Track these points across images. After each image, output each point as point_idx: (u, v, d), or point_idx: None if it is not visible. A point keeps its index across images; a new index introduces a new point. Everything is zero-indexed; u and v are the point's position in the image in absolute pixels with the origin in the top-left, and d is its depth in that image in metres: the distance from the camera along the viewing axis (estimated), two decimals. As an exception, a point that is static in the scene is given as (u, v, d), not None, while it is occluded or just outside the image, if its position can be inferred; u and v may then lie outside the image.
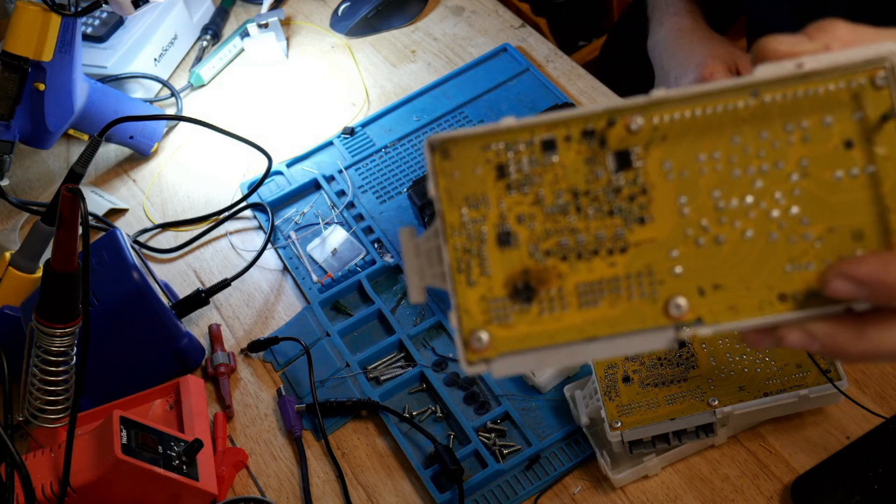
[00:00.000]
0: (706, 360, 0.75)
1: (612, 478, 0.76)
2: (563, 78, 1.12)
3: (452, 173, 0.39)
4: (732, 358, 0.75)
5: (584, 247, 0.39)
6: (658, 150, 0.39)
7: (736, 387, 0.74)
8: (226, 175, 1.13)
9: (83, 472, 0.75)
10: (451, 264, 0.39)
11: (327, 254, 1.00)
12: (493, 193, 0.39)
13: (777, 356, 0.74)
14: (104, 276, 0.87)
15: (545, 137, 0.39)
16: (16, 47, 1.00)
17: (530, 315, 0.39)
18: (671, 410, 0.73)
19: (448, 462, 0.80)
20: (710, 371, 0.75)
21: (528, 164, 0.39)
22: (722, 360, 0.75)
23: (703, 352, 0.76)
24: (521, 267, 0.39)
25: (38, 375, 0.74)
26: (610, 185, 0.39)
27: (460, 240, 0.39)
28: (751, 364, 0.74)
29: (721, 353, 0.76)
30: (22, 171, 1.21)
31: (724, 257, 0.38)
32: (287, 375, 0.92)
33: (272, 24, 1.23)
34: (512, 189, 0.39)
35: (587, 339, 0.39)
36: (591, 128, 0.39)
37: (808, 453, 0.76)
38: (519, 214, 0.39)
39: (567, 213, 0.39)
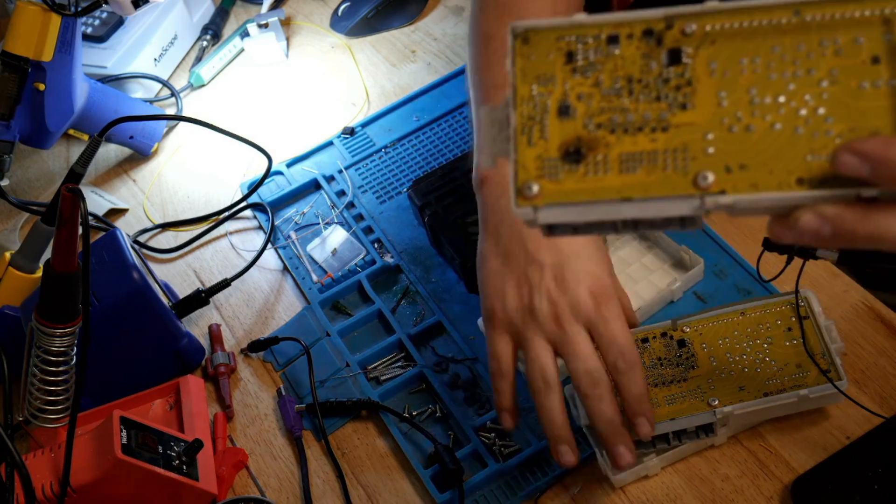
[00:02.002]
0: (706, 360, 0.75)
1: (611, 478, 0.76)
2: (563, 78, 1.12)
3: (528, 56, 0.46)
4: (732, 358, 0.75)
5: (631, 123, 0.45)
6: (706, 52, 0.45)
7: (736, 387, 0.73)
8: (226, 175, 1.13)
9: (83, 472, 0.75)
10: (517, 127, 0.46)
11: (327, 254, 1.00)
12: (560, 75, 0.46)
13: (777, 356, 0.74)
14: (104, 276, 0.87)
15: (611, 33, 0.46)
16: (16, 47, 1.00)
17: (577, 174, 0.45)
18: (671, 410, 0.73)
19: (448, 462, 0.80)
20: (710, 371, 0.74)
21: (593, 54, 0.46)
22: (722, 360, 0.75)
23: (703, 352, 0.76)
24: (574, 135, 0.45)
25: (38, 375, 0.74)
26: (660, 76, 0.45)
27: (527, 109, 0.46)
28: (751, 364, 0.74)
29: (721, 353, 0.75)
30: (22, 171, 1.21)
31: (753, 143, 0.43)
32: (287, 375, 0.92)
33: (272, 24, 1.23)
34: (576, 72, 0.46)
35: (623, 199, 0.44)
36: (650, 28, 0.46)
37: (808, 453, 0.76)
38: (579, 93, 0.46)
39: (620, 96, 0.45)
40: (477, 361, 0.88)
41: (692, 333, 0.74)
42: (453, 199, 0.93)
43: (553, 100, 0.46)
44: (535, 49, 0.47)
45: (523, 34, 0.46)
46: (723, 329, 0.74)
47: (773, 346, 0.71)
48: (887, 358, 0.80)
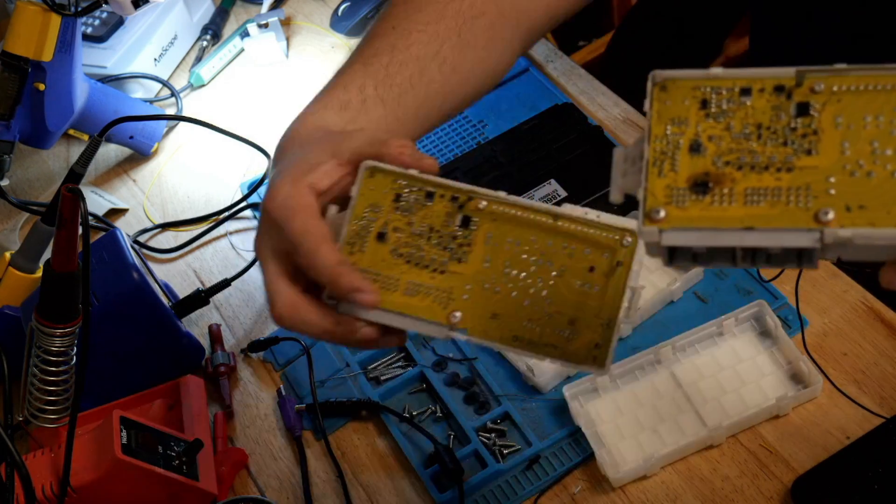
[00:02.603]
0: (479, 258, 0.58)
1: (611, 477, 0.76)
2: (563, 78, 1.12)
3: (665, 101, 0.51)
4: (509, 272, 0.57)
5: (757, 163, 0.48)
6: (833, 107, 0.49)
7: (490, 311, 0.57)
8: (226, 175, 1.13)
9: (83, 472, 0.75)
10: (649, 160, 0.50)
11: (327, 254, 1.00)
12: (694, 118, 0.50)
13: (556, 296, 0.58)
14: (104, 276, 0.87)
15: (744, 86, 0.50)
16: (16, 47, 1.00)
17: (702, 203, 0.48)
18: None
19: (448, 462, 0.80)
20: (475, 274, 0.58)
21: (726, 103, 0.50)
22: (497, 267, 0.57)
23: (482, 246, 0.58)
24: (703, 169, 0.49)
25: (38, 375, 0.74)
26: (788, 125, 0.49)
27: (659, 145, 0.50)
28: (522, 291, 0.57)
29: (499, 258, 0.57)
30: (22, 171, 1.21)
31: (872, 187, 0.47)
32: (287, 375, 0.92)
33: (272, 24, 1.23)
34: (709, 117, 0.50)
35: (744, 228, 0.47)
36: (782, 84, 0.50)
37: (808, 453, 0.76)
38: (710, 135, 0.50)
39: (749, 139, 0.49)
40: (477, 361, 0.88)
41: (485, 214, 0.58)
42: (453, 199, 0.93)
43: (685, 139, 0.50)
44: (671, 96, 0.51)
45: (662, 83, 0.51)
46: (521, 228, 0.58)
47: (562, 280, 0.57)
48: (887, 358, 0.80)
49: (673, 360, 0.82)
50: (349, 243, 0.59)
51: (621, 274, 0.56)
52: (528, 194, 0.90)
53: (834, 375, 0.79)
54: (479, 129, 1.08)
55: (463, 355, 0.89)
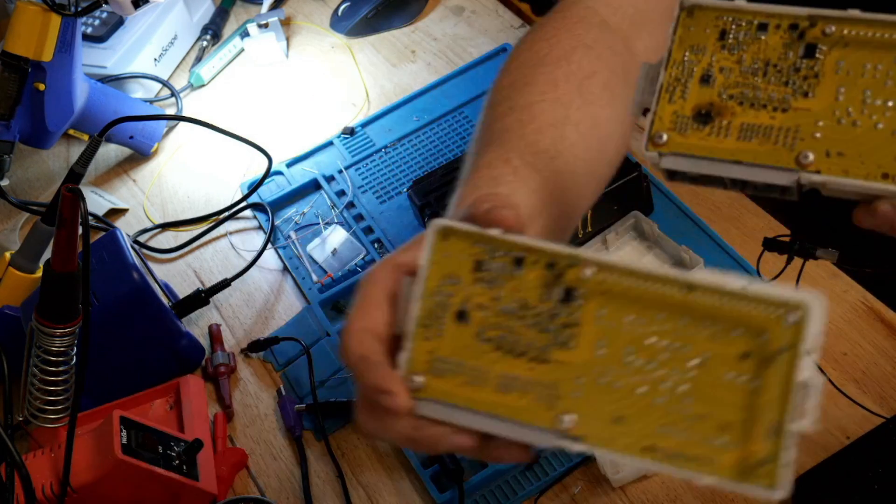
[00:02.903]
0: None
1: (611, 477, 0.76)
2: (563, 78, 1.12)
3: (689, 27, 0.53)
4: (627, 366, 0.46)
5: (757, 99, 0.51)
6: (838, 52, 0.50)
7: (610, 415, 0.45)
8: (226, 175, 1.13)
9: (83, 472, 0.75)
10: (663, 84, 0.52)
11: (327, 254, 1.00)
12: (711, 48, 0.53)
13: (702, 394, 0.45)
14: (104, 276, 0.87)
15: (762, 21, 0.52)
16: (16, 47, 1.00)
17: (702, 133, 0.51)
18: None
19: (448, 462, 0.80)
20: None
21: (742, 35, 0.52)
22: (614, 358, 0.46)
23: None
24: (709, 100, 0.52)
25: (38, 375, 0.74)
26: (793, 65, 0.51)
27: (676, 71, 0.53)
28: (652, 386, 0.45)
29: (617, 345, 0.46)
30: (22, 171, 1.21)
31: (854, 136, 0.49)
32: (287, 375, 0.92)
33: (272, 24, 1.23)
34: (725, 48, 0.52)
35: (733, 161, 0.50)
36: (796, 23, 0.52)
37: (808, 453, 0.76)
38: (722, 66, 0.52)
39: (756, 75, 0.52)
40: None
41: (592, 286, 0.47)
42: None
43: (699, 67, 0.53)
44: (696, 22, 0.53)
45: (689, 7, 0.53)
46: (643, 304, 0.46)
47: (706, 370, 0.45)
48: (887, 358, 0.80)
49: None
50: (424, 326, 0.48)
51: (787, 362, 0.43)
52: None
53: (834, 375, 0.79)
54: (479, 129, 1.08)
55: (463, 355, 0.88)
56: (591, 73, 0.70)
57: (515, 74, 0.71)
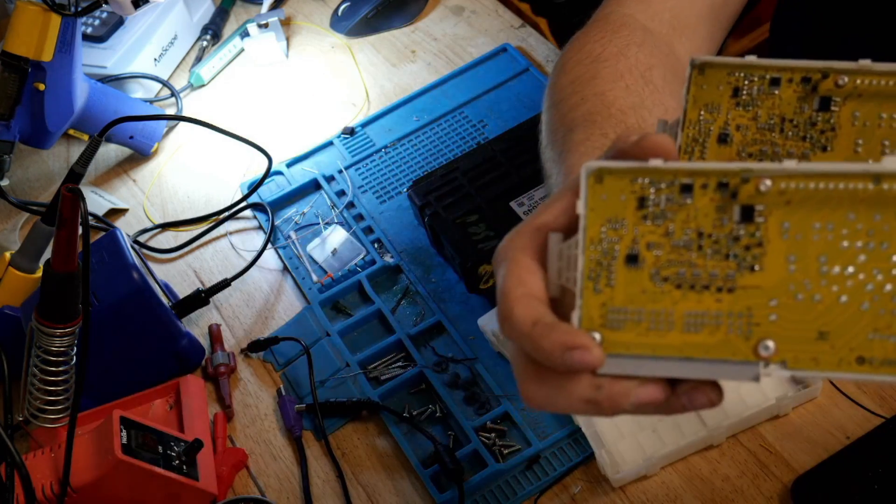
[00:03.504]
0: (779, 259, 0.43)
1: (611, 477, 0.76)
2: (563, 78, 1.12)
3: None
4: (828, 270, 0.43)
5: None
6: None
7: (814, 330, 0.43)
8: (226, 175, 1.13)
9: (83, 472, 0.75)
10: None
11: (327, 254, 1.00)
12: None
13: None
14: (104, 276, 0.87)
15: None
16: (16, 47, 1.00)
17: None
18: (688, 342, 0.44)
19: (448, 462, 0.80)
20: (779, 283, 0.43)
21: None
22: (808, 266, 0.43)
23: (779, 243, 0.43)
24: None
25: (38, 375, 0.74)
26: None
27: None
28: (854, 292, 0.42)
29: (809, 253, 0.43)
30: (22, 171, 1.21)
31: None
32: (287, 375, 0.92)
33: (272, 24, 1.23)
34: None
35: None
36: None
37: (808, 453, 0.76)
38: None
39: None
40: (477, 361, 0.88)
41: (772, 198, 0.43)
42: (453, 199, 0.93)
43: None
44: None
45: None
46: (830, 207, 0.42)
47: None
48: (887, 358, 0.80)
49: None
50: (590, 278, 0.45)
51: None
52: (527, 194, 0.89)
53: (834, 375, 0.79)
54: (479, 129, 1.08)
55: (463, 355, 0.89)
56: (650, 66, 0.69)
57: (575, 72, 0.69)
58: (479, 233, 0.87)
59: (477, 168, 0.95)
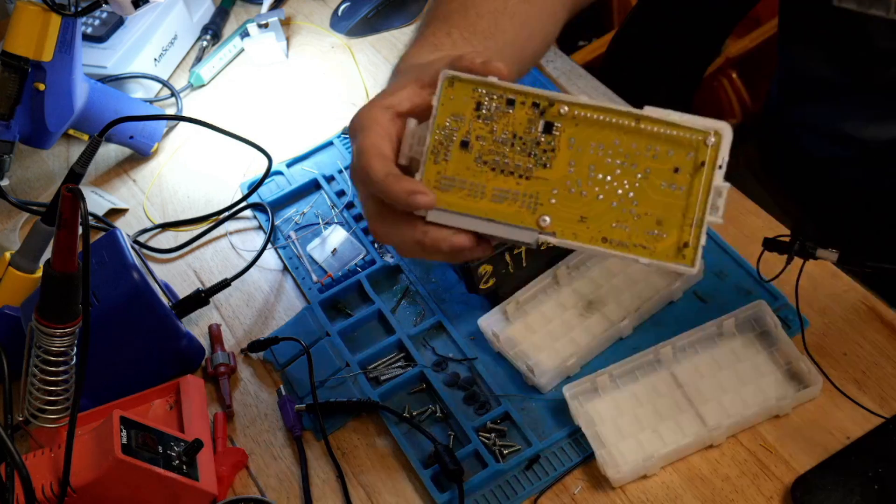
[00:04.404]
0: (564, 162, 0.61)
1: (611, 477, 0.76)
2: (563, 78, 1.12)
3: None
4: (594, 174, 0.61)
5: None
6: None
7: (578, 214, 0.61)
8: (226, 175, 1.13)
9: (83, 472, 0.75)
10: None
11: (327, 254, 1.00)
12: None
13: (643, 197, 0.60)
14: (104, 276, 0.87)
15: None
16: (16, 47, 1.00)
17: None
18: (493, 209, 0.61)
19: (448, 462, 0.80)
20: (560, 178, 0.61)
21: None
22: (582, 170, 0.61)
23: (566, 150, 0.61)
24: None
25: (38, 375, 0.74)
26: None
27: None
28: (609, 192, 0.60)
29: (585, 162, 0.61)
30: (22, 171, 1.21)
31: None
32: (287, 375, 0.92)
33: (272, 24, 1.23)
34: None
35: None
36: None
37: (808, 453, 0.76)
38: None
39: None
40: (477, 361, 0.88)
41: (568, 119, 0.61)
42: (453, 198, 0.93)
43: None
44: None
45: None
46: (604, 132, 0.60)
47: (648, 182, 0.60)
48: (887, 358, 0.80)
49: (673, 361, 0.82)
50: (433, 153, 0.62)
51: (706, 173, 0.59)
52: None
53: (834, 375, 0.79)
54: (479, 129, 1.08)
55: (463, 355, 0.89)
56: None
57: None
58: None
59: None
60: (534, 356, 0.85)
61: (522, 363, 0.84)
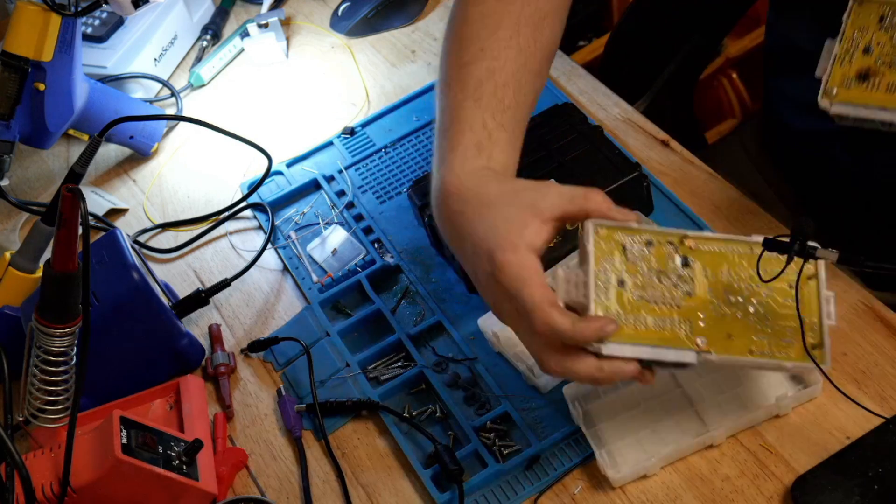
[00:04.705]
0: (704, 289, 0.71)
1: (611, 477, 0.76)
2: (563, 78, 1.12)
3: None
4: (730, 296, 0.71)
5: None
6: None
7: (725, 332, 0.69)
8: (226, 175, 1.13)
9: (83, 472, 0.75)
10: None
11: (327, 254, 1.00)
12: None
13: (771, 310, 0.70)
14: (104, 276, 0.87)
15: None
16: (16, 47, 1.00)
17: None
18: (657, 336, 0.69)
19: (448, 462, 0.80)
20: (704, 303, 0.70)
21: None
22: (719, 294, 0.70)
23: (702, 279, 0.71)
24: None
25: (38, 375, 0.74)
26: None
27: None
28: (744, 309, 0.70)
29: (720, 286, 0.71)
30: (22, 171, 1.21)
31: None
32: (287, 375, 0.92)
33: (272, 24, 1.23)
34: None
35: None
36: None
37: (808, 453, 0.76)
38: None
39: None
40: (477, 361, 0.88)
41: (698, 252, 0.71)
42: (453, 199, 0.93)
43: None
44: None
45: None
46: (729, 258, 0.71)
47: (772, 297, 0.70)
48: (887, 358, 0.80)
49: None
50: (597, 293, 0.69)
51: (815, 285, 0.70)
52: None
53: (834, 375, 0.79)
54: (479, 129, 1.08)
55: (463, 355, 0.89)
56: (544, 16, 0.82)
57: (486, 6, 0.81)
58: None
59: (477, 168, 0.95)
60: (534, 356, 0.85)
61: (522, 363, 0.84)
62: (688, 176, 0.98)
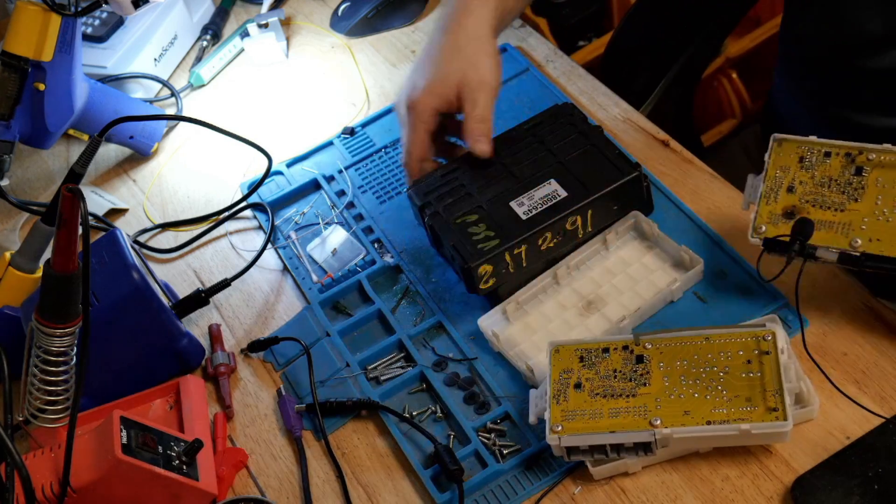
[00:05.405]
0: (659, 379, 0.76)
1: (590, 469, 0.76)
2: (563, 78, 1.12)
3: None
4: (686, 381, 0.75)
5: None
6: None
7: (682, 410, 0.74)
8: (226, 175, 1.13)
9: (83, 472, 0.75)
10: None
11: (327, 254, 1.00)
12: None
13: (730, 387, 0.74)
14: (104, 276, 0.87)
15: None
16: (16, 47, 1.00)
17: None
18: (612, 423, 0.75)
19: (448, 462, 0.80)
20: (660, 391, 0.76)
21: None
22: (675, 381, 0.76)
23: (658, 370, 0.77)
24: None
25: (38, 375, 0.74)
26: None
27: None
28: (702, 390, 0.75)
29: (676, 375, 0.76)
30: (22, 171, 1.21)
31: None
32: (287, 375, 0.92)
33: (272, 24, 1.23)
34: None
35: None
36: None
37: (808, 453, 0.76)
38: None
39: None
40: (477, 361, 0.88)
41: (653, 351, 0.78)
42: (453, 199, 0.93)
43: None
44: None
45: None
46: (684, 351, 0.77)
47: (729, 376, 0.75)
48: (887, 358, 0.80)
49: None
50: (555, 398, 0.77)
51: (772, 357, 0.75)
52: (527, 194, 0.90)
53: (834, 375, 0.79)
54: (479, 129, 1.08)
55: (463, 355, 0.89)
56: None
57: None
58: (479, 233, 0.87)
59: (477, 168, 0.95)
60: (534, 356, 0.85)
61: (522, 363, 0.84)
62: (688, 176, 0.98)
